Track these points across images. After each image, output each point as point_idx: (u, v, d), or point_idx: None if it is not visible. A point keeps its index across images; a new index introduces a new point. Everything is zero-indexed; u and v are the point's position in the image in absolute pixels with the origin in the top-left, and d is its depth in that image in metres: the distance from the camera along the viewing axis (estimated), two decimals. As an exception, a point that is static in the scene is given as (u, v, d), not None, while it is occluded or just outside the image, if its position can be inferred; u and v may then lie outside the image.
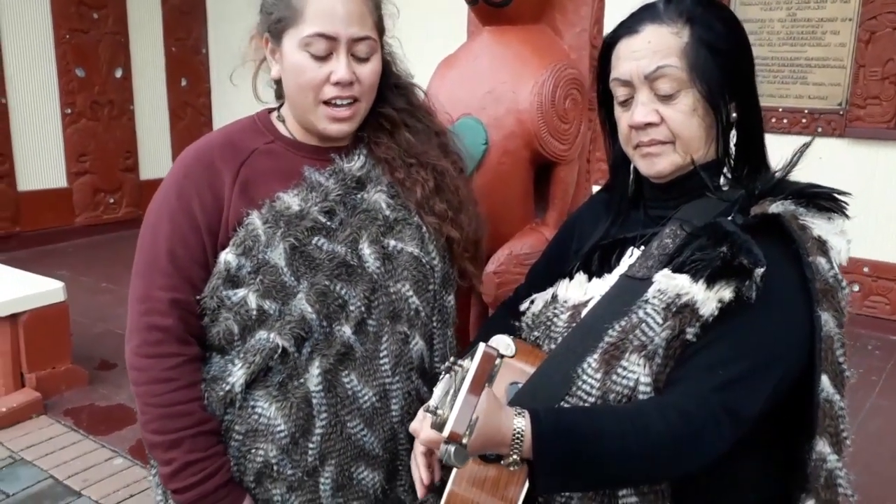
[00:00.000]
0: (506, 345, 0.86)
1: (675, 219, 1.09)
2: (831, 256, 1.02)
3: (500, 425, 0.90)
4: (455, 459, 0.83)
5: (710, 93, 1.07)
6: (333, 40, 1.21)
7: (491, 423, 0.89)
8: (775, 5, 4.33)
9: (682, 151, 1.10)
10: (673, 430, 0.92)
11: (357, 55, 1.24)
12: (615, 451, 0.93)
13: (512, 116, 1.70)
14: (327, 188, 1.29)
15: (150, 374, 1.23)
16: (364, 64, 1.25)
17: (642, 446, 0.93)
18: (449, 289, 1.40)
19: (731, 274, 0.95)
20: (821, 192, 1.05)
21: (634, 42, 1.10)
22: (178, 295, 1.23)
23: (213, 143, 1.31)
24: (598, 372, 1.01)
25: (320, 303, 1.22)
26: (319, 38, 1.21)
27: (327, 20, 1.20)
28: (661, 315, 0.98)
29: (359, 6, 1.23)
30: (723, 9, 1.14)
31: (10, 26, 5.75)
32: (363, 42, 1.24)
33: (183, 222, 1.24)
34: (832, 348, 1.00)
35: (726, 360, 0.96)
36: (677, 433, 0.92)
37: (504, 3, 1.71)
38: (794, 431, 1.03)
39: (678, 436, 0.92)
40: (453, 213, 1.37)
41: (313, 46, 1.21)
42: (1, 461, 2.81)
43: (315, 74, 1.23)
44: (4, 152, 5.80)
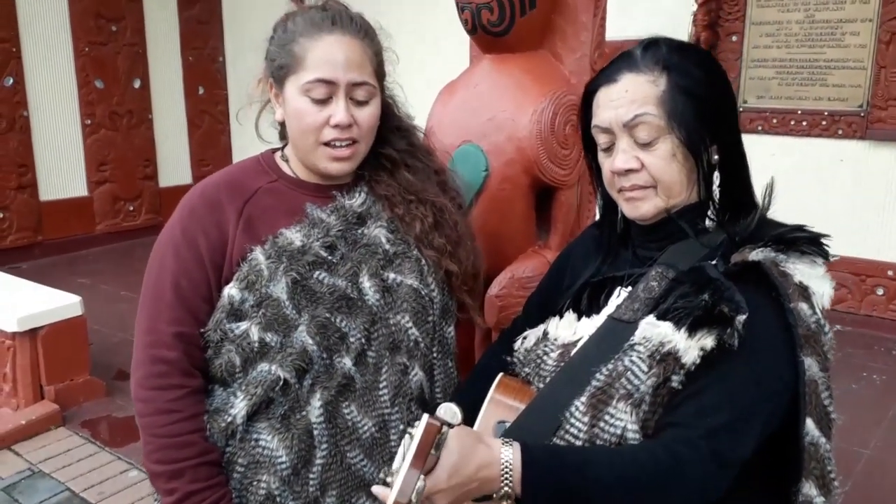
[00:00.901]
0: (452, 413, 0.88)
1: (660, 261, 1.10)
2: (813, 301, 1.02)
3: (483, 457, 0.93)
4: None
5: (689, 139, 1.08)
6: (333, 85, 1.26)
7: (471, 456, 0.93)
8: (793, 7, 4.29)
9: (664, 195, 1.11)
10: (663, 467, 0.94)
11: (356, 99, 1.29)
12: (605, 483, 0.95)
13: (512, 144, 1.72)
14: (329, 224, 1.33)
15: (154, 405, 1.26)
16: (362, 108, 1.30)
17: (632, 478, 0.95)
18: (449, 320, 1.43)
19: (713, 322, 0.96)
20: (801, 236, 1.05)
21: (612, 91, 1.12)
22: (183, 328, 1.27)
23: (219, 183, 1.36)
24: (585, 415, 1.02)
25: (321, 335, 1.26)
26: (319, 83, 1.26)
27: (327, 66, 1.25)
28: (646, 363, 0.99)
29: (358, 54, 1.28)
30: (700, 54, 1.15)
31: (30, 40, 5.83)
32: (361, 87, 1.28)
33: (188, 258, 1.28)
34: (817, 392, 1.01)
35: (713, 407, 0.97)
36: (667, 469, 0.94)
37: (503, 33, 1.72)
38: (781, 474, 1.04)
39: (668, 472, 0.94)
40: (452, 248, 1.40)
41: (313, 91, 1.26)
42: (20, 473, 2.87)
43: (315, 118, 1.27)
44: (26, 163, 5.89)
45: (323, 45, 1.27)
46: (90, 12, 6.14)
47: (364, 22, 1.34)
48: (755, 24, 4.38)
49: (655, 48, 1.12)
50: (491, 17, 1.69)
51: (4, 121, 5.71)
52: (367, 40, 1.31)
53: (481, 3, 1.68)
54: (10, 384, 3.25)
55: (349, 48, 1.27)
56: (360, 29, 1.31)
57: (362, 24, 1.32)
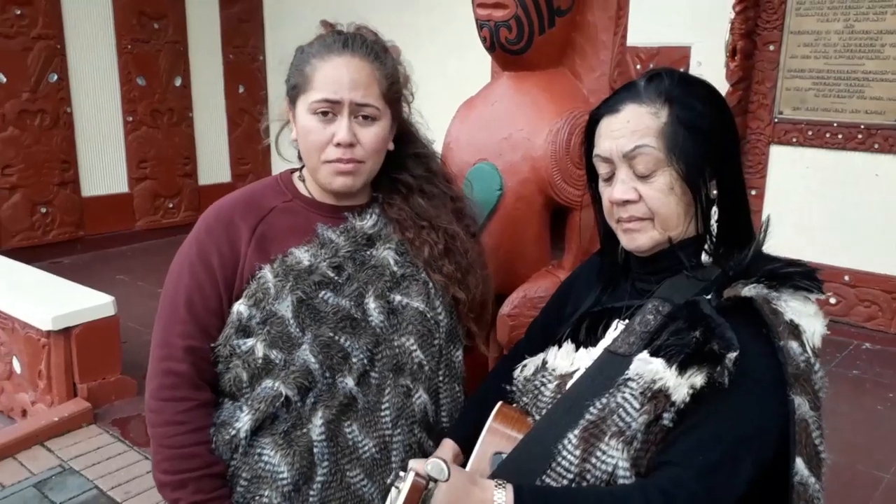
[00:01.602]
0: (439, 470, 0.89)
1: (657, 295, 1.10)
2: (804, 340, 1.01)
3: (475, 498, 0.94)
4: None
5: (688, 172, 1.08)
6: (337, 104, 1.29)
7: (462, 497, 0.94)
8: (832, 17, 4.19)
9: (660, 228, 1.11)
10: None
11: (361, 119, 1.31)
12: None
13: (527, 163, 1.72)
14: (338, 244, 1.35)
15: (164, 416, 1.30)
16: (367, 128, 1.32)
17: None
18: (457, 344, 1.44)
19: (704, 359, 0.96)
20: (794, 271, 1.04)
21: (614, 121, 1.12)
22: (194, 342, 1.31)
23: (235, 202, 1.40)
24: (577, 449, 1.02)
25: (324, 354, 1.28)
26: (324, 102, 1.29)
27: (332, 86, 1.29)
28: (637, 400, 0.99)
29: (364, 76, 1.30)
30: (704, 88, 1.14)
31: (74, 37, 5.96)
32: (366, 108, 1.30)
33: (201, 274, 1.32)
34: (807, 431, 1.00)
35: (705, 446, 0.97)
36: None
37: (521, 51, 1.72)
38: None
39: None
40: (461, 275, 1.41)
41: (319, 110, 1.30)
42: (51, 470, 2.95)
43: (319, 136, 1.31)
44: (69, 160, 6.04)
45: (330, 66, 1.30)
46: (133, 10, 6.25)
47: (378, 46, 1.36)
48: (793, 34, 4.29)
49: (659, 80, 1.12)
50: (509, 35, 1.70)
51: (48, 117, 5.85)
52: (376, 63, 1.33)
53: (500, 21, 1.69)
54: (45, 381, 3.34)
55: (355, 69, 1.30)
56: (371, 52, 1.33)
57: (374, 48, 1.34)
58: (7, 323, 3.48)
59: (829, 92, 4.24)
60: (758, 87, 4.44)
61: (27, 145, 5.75)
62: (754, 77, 4.44)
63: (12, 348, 3.50)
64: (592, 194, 1.23)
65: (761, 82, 4.42)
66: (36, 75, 5.74)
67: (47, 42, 5.77)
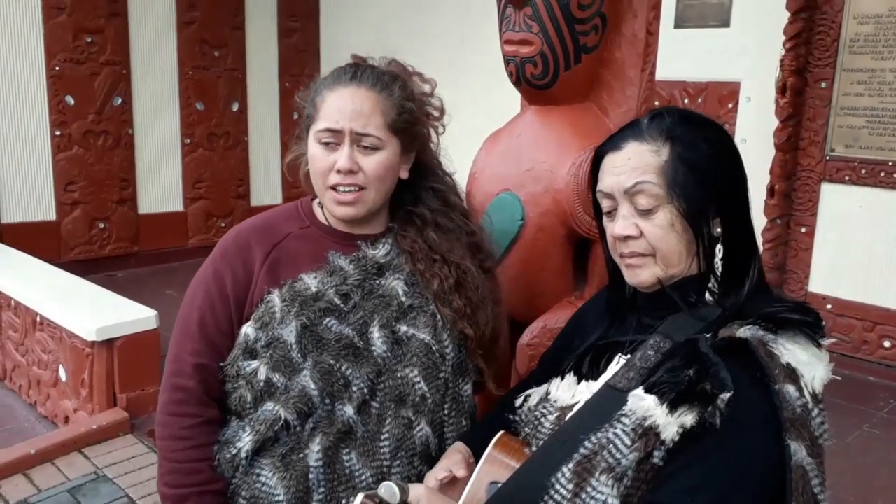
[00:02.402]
0: (391, 493, 0.89)
1: (659, 331, 1.09)
2: (802, 384, 0.99)
3: None
4: None
5: (689, 210, 1.08)
6: (339, 133, 1.32)
7: None
8: (887, 55, 4.11)
9: (662, 265, 1.11)
10: None
11: (363, 148, 1.33)
12: None
13: (549, 195, 1.73)
14: (347, 272, 1.37)
15: (170, 430, 1.34)
16: (369, 156, 1.34)
17: None
18: (466, 379, 1.43)
19: (695, 399, 0.94)
20: (793, 318, 1.02)
21: (617, 158, 1.14)
22: (203, 360, 1.34)
23: (253, 226, 1.44)
24: (570, 483, 1.01)
25: (324, 381, 1.29)
26: (326, 132, 1.33)
27: (335, 116, 1.32)
28: (629, 436, 0.98)
29: (367, 106, 1.33)
30: (707, 127, 1.14)
31: (140, 63, 6.22)
32: (366, 138, 1.32)
33: (215, 295, 1.36)
34: (805, 478, 0.97)
35: (694, 487, 0.95)
36: None
37: (547, 86, 1.74)
38: None
39: None
40: (471, 311, 1.41)
41: (323, 139, 1.33)
42: (86, 476, 3.03)
43: (323, 163, 1.34)
44: (128, 178, 6.26)
45: (335, 96, 1.34)
46: (196, 39, 6.50)
47: (387, 77, 1.37)
48: (846, 71, 4.21)
49: (661, 118, 1.13)
50: (535, 70, 1.72)
51: (111, 137, 6.10)
52: (384, 94, 1.35)
53: (525, 57, 1.71)
54: (88, 390, 3.45)
55: (359, 100, 1.33)
56: (378, 82, 1.35)
57: (382, 79, 1.36)
58: (56, 332, 3.61)
59: (884, 130, 4.14)
60: (809, 124, 4.36)
61: (90, 164, 6.00)
62: (805, 114, 4.36)
63: (59, 356, 3.63)
64: (600, 229, 1.24)
65: (812, 119, 4.34)
66: (102, 98, 6.01)
67: (114, 68, 6.03)
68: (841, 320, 4.32)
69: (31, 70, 5.62)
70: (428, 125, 1.46)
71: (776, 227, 4.41)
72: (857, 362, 4.25)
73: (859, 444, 3.37)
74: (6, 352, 4.13)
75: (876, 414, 3.69)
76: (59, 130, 5.80)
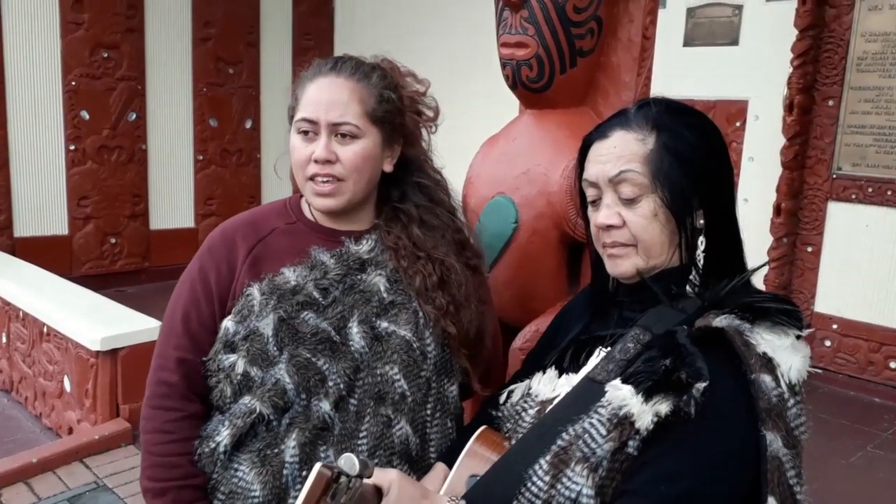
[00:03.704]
0: (351, 464, 0.87)
1: (639, 323, 1.08)
2: (778, 374, 0.98)
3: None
4: None
5: (672, 200, 1.07)
6: (315, 123, 1.32)
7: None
8: (895, 73, 4.10)
9: (643, 255, 1.10)
10: None
11: (341, 137, 1.33)
12: None
13: (543, 198, 1.73)
14: (328, 267, 1.36)
15: (153, 424, 1.34)
16: (347, 145, 1.33)
17: None
18: (450, 379, 1.41)
19: (670, 388, 0.93)
20: (771, 307, 1.01)
21: (602, 146, 1.13)
22: (186, 355, 1.34)
23: (239, 222, 1.44)
24: (546, 475, 1.00)
25: (300, 375, 1.28)
26: (304, 122, 1.33)
27: (311, 107, 1.32)
28: (605, 426, 0.97)
29: (344, 95, 1.32)
30: (695, 117, 1.14)
31: (154, 79, 6.31)
32: (343, 126, 1.32)
33: (199, 290, 1.36)
34: (780, 469, 0.96)
35: (669, 476, 0.94)
36: None
37: (542, 89, 1.75)
38: None
39: None
40: (454, 309, 1.39)
41: (301, 129, 1.34)
42: (86, 485, 3.04)
43: (302, 153, 1.34)
44: (140, 193, 6.33)
45: (314, 86, 1.34)
46: (211, 56, 6.59)
47: (368, 67, 1.37)
48: (854, 90, 4.21)
49: (648, 108, 1.12)
50: (530, 73, 1.73)
51: (125, 153, 6.17)
52: (362, 83, 1.34)
53: (521, 60, 1.73)
54: (91, 401, 3.46)
55: (336, 89, 1.32)
56: (357, 72, 1.35)
57: (363, 68, 1.36)
58: (62, 342, 3.63)
59: (892, 149, 4.13)
60: (816, 142, 4.35)
61: (103, 178, 6.07)
62: (812, 132, 4.35)
63: (65, 367, 3.65)
64: (585, 220, 1.23)
65: (819, 137, 4.33)
66: (117, 113, 6.09)
67: (129, 83, 6.12)
68: (847, 341, 4.28)
69: (48, 84, 5.71)
70: (416, 120, 1.45)
71: (782, 246, 4.38)
72: (863, 383, 4.20)
73: (863, 465, 3.32)
74: (13, 363, 4.16)
75: (880, 435, 3.64)
76: (74, 145, 5.88)
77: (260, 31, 6.96)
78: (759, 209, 4.50)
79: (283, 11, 7.14)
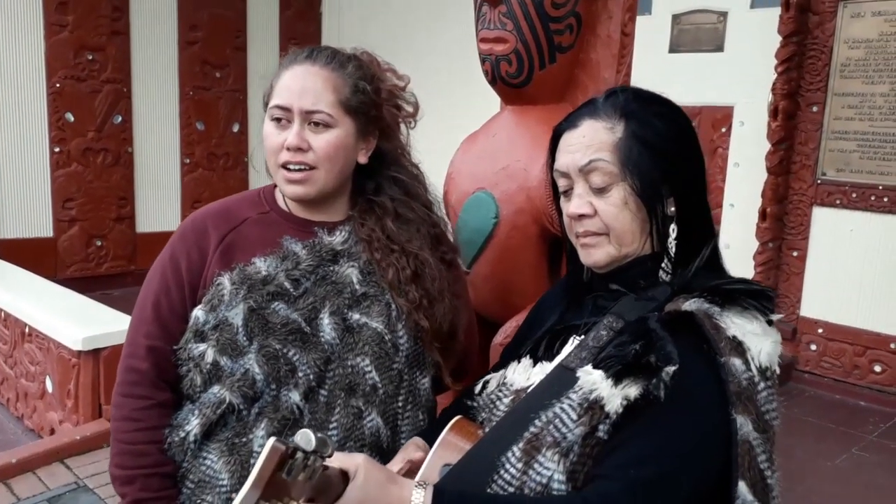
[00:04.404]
0: (307, 440, 0.85)
1: (612, 311, 1.08)
2: (748, 357, 0.98)
3: (391, 496, 0.93)
4: None
5: (642, 188, 1.07)
6: (288, 111, 1.31)
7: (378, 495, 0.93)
8: (877, 79, 4.14)
9: (616, 244, 1.10)
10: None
11: (314, 125, 1.32)
12: None
13: (522, 193, 1.73)
14: (300, 257, 1.35)
15: (122, 411, 1.33)
16: (320, 134, 1.32)
17: None
18: (423, 372, 1.40)
19: (640, 372, 0.93)
20: (740, 289, 1.01)
21: (572, 136, 1.14)
22: (157, 343, 1.33)
23: (211, 211, 1.43)
24: (519, 462, 1.00)
25: (269, 365, 1.27)
26: (277, 109, 1.32)
27: (285, 94, 1.32)
28: (575, 411, 0.97)
29: (318, 83, 1.32)
30: (664, 105, 1.14)
31: (140, 82, 6.30)
32: (316, 114, 1.31)
33: (170, 278, 1.35)
34: (751, 453, 0.96)
35: (638, 460, 0.94)
36: None
37: (522, 84, 1.75)
38: None
39: None
40: (428, 303, 1.38)
41: (274, 116, 1.33)
42: (66, 486, 3.00)
43: (274, 140, 1.33)
44: (127, 196, 6.30)
45: (289, 74, 1.33)
46: (197, 59, 6.59)
47: (344, 57, 1.37)
48: (837, 96, 4.24)
49: (616, 96, 1.13)
50: (509, 69, 1.73)
51: (111, 155, 6.15)
52: (337, 72, 1.34)
53: (500, 55, 1.73)
54: (73, 401, 3.43)
55: (310, 77, 1.32)
56: (333, 61, 1.34)
57: (339, 58, 1.36)
58: (44, 343, 3.60)
59: (875, 154, 4.16)
60: (800, 148, 4.38)
61: (88, 181, 6.04)
62: (797, 138, 4.38)
63: (47, 368, 3.61)
64: (558, 210, 1.23)
65: (804, 143, 4.36)
66: (102, 116, 6.07)
67: (115, 86, 6.10)
68: (832, 345, 4.30)
69: (32, 86, 5.69)
70: (394, 114, 1.44)
71: (768, 251, 4.40)
72: (848, 387, 4.22)
73: (848, 467, 3.34)
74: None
75: (866, 437, 3.66)
76: (59, 147, 5.85)
77: (247, 34, 6.96)
78: (744, 214, 4.52)
79: (269, 15, 7.15)
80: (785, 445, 3.47)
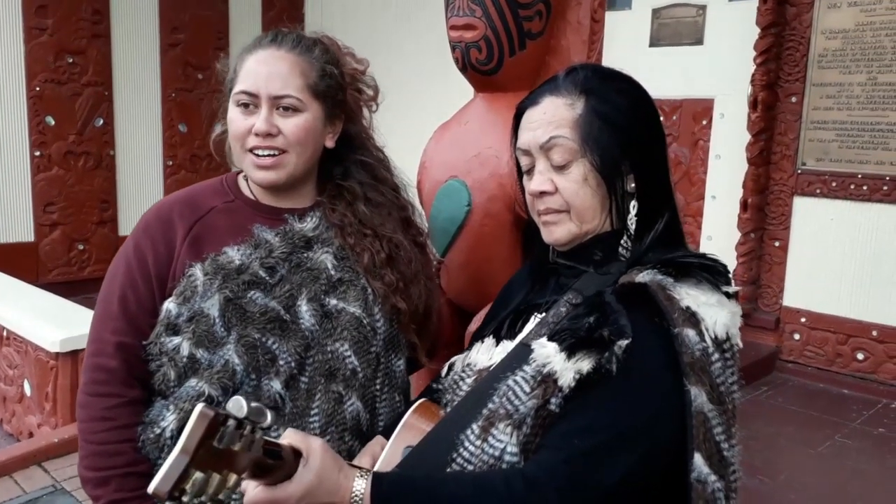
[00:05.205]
0: (238, 406, 0.83)
1: (573, 288, 1.08)
2: (702, 328, 0.97)
3: (338, 486, 0.92)
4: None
5: (602, 164, 1.07)
6: (255, 97, 1.29)
7: (328, 482, 0.92)
8: (855, 69, 4.15)
9: (576, 220, 1.10)
10: (515, 492, 0.91)
11: (282, 111, 1.30)
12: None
13: (495, 180, 1.73)
14: (273, 245, 1.33)
15: (91, 411, 1.28)
16: (289, 118, 1.30)
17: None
18: (398, 354, 1.40)
19: (593, 345, 0.93)
20: (693, 262, 1.01)
21: (533, 113, 1.13)
22: (125, 339, 1.29)
23: (175, 201, 1.40)
24: (478, 439, 1.00)
25: (249, 355, 1.25)
26: (244, 94, 1.30)
27: (251, 79, 1.30)
28: (529, 384, 0.97)
29: (285, 67, 1.30)
30: (623, 82, 1.14)
31: (122, 84, 6.24)
32: (284, 99, 1.29)
33: (136, 272, 1.32)
34: (706, 425, 0.95)
35: (583, 430, 0.94)
36: (517, 495, 0.91)
37: (492, 71, 1.75)
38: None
39: (516, 498, 0.91)
40: (403, 285, 1.38)
41: (240, 102, 1.31)
42: (43, 489, 2.96)
43: (241, 125, 1.31)
44: (109, 200, 6.25)
45: (253, 59, 1.32)
46: (179, 61, 6.53)
47: (310, 41, 1.36)
48: (816, 86, 4.25)
49: (576, 73, 1.12)
50: (479, 55, 1.73)
51: (92, 159, 6.09)
52: (304, 56, 1.32)
53: (470, 42, 1.72)
54: (52, 404, 3.39)
55: (276, 62, 1.30)
56: (298, 45, 1.33)
57: (304, 42, 1.34)
58: (21, 346, 3.56)
59: (853, 143, 4.17)
60: (780, 139, 4.39)
61: (70, 185, 5.98)
62: (776, 128, 4.40)
63: (24, 371, 3.57)
64: (521, 190, 1.23)
65: (784, 133, 4.37)
66: (83, 119, 6.01)
67: (96, 89, 6.04)
68: (815, 333, 4.31)
69: (12, 90, 5.62)
70: (357, 98, 1.44)
71: (750, 241, 4.41)
72: (831, 375, 4.24)
73: (831, 454, 3.34)
74: (-26, 369, 4.08)
75: (849, 424, 3.67)
76: (39, 151, 5.79)
77: (229, 36, 6.91)
78: (726, 205, 4.53)
79: (252, 17, 7.10)
80: (769, 434, 3.50)
